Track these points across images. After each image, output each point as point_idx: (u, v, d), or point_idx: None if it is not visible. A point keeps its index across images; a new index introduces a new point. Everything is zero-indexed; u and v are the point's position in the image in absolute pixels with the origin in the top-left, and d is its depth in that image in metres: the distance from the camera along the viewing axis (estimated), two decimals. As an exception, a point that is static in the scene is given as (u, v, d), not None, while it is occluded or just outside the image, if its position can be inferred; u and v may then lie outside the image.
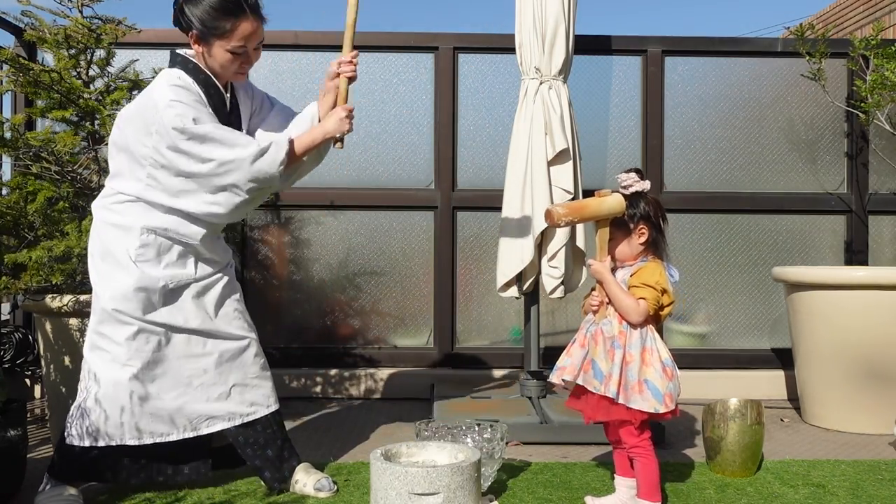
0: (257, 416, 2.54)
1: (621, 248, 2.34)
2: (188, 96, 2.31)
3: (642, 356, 2.25)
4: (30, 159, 3.16)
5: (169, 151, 2.29)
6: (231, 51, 2.34)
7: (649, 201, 2.33)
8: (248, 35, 2.35)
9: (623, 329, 2.27)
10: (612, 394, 2.23)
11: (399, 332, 4.37)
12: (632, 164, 4.36)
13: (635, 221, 2.31)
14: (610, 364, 2.25)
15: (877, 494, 2.60)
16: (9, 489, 2.51)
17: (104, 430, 2.36)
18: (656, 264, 2.32)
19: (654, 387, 2.22)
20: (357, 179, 4.36)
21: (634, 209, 2.31)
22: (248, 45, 2.37)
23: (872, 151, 4.38)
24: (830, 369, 3.48)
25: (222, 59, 2.36)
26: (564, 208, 2.31)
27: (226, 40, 2.33)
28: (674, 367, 2.28)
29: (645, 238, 2.32)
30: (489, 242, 4.28)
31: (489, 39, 4.34)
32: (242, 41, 2.34)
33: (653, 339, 2.28)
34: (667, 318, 2.39)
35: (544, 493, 2.58)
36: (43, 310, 2.95)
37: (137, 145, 2.34)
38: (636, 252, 2.33)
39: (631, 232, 2.31)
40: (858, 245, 4.37)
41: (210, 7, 2.31)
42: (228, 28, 2.31)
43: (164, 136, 2.28)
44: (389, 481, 2.13)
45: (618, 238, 2.33)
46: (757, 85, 4.43)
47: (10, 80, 3.18)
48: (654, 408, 2.21)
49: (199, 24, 2.31)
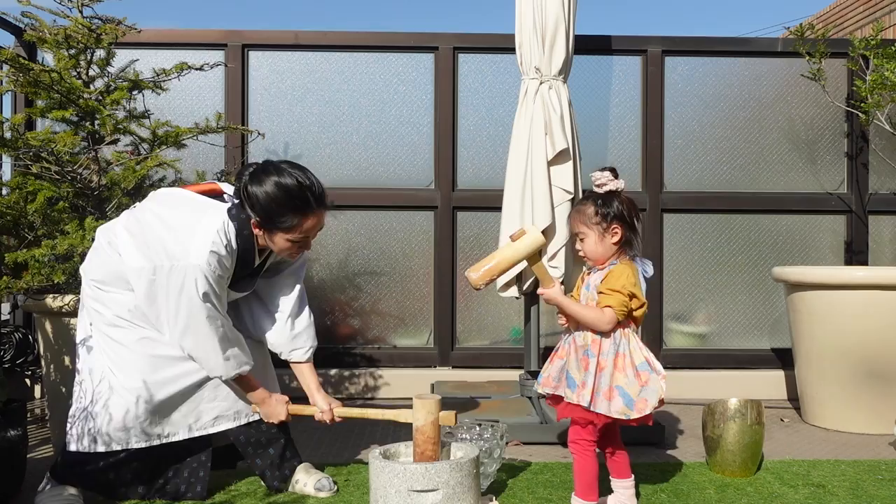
0: None
1: (595, 248, 2.30)
2: (217, 269, 2.29)
3: (615, 362, 2.23)
4: (30, 159, 3.16)
5: None
6: (292, 240, 2.35)
7: (623, 200, 2.29)
8: (312, 227, 2.35)
9: (595, 337, 2.26)
10: (585, 402, 2.24)
11: (399, 332, 4.37)
12: (632, 164, 4.37)
13: (608, 221, 2.27)
14: (583, 373, 2.25)
15: (877, 494, 2.60)
16: (9, 489, 2.51)
17: (108, 434, 2.36)
18: (625, 266, 2.28)
19: (624, 393, 2.21)
20: (357, 179, 4.36)
21: (608, 208, 2.27)
22: (311, 235, 2.39)
23: (872, 151, 4.38)
24: (830, 369, 3.48)
25: (282, 246, 2.36)
26: (478, 271, 2.21)
27: (289, 232, 2.33)
28: (651, 370, 2.24)
29: (618, 237, 2.28)
30: (489, 242, 4.28)
31: (489, 39, 4.34)
32: (307, 232, 2.35)
33: (626, 345, 2.25)
34: (642, 318, 2.33)
35: (544, 493, 2.58)
36: (43, 310, 2.95)
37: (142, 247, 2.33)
38: (609, 252, 2.30)
39: (604, 232, 2.28)
40: (858, 245, 4.37)
41: (276, 201, 2.27)
42: (294, 224, 2.31)
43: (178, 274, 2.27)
44: (389, 479, 2.13)
45: (591, 238, 2.30)
46: (757, 85, 4.43)
47: (10, 80, 3.18)
48: (624, 413, 2.20)
49: (262, 212, 2.28)
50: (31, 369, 4.06)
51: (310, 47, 4.35)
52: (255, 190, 2.30)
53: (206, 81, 4.28)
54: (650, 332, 4.31)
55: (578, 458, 2.32)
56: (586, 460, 2.31)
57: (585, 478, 2.32)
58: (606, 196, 2.29)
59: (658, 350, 4.29)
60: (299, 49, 4.35)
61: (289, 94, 4.36)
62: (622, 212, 2.28)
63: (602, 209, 2.28)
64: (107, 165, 3.31)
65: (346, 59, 4.37)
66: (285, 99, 4.37)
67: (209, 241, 2.27)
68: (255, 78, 4.36)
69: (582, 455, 2.31)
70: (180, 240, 2.28)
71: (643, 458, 3.00)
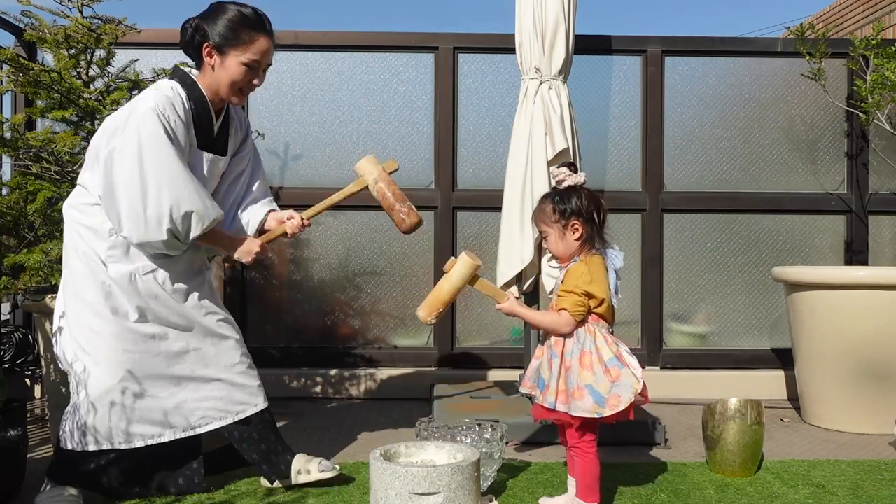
0: (248, 413, 2.54)
1: (556, 245, 2.30)
2: (171, 111, 2.32)
3: (580, 361, 2.22)
4: (30, 159, 3.16)
5: None
6: (246, 63, 2.41)
7: (583, 195, 2.28)
8: (264, 51, 2.43)
9: (558, 338, 2.26)
10: (550, 404, 2.24)
11: (399, 332, 4.37)
12: (632, 164, 4.37)
13: (566, 217, 2.26)
14: (549, 373, 2.26)
15: (877, 494, 2.60)
16: (9, 489, 2.51)
17: (95, 431, 2.36)
18: (581, 264, 2.27)
19: (594, 391, 2.19)
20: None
21: (565, 205, 2.27)
22: (262, 61, 2.44)
23: (872, 151, 4.38)
24: (830, 369, 3.48)
25: (235, 71, 2.41)
26: (425, 309, 2.29)
27: (242, 52, 2.40)
28: (621, 364, 2.22)
29: (579, 234, 2.27)
30: (489, 242, 4.28)
31: (489, 39, 4.34)
32: (258, 55, 2.42)
33: (591, 342, 2.23)
34: (609, 313, 2.30)
35: (544, 492, 2.58)
36: (43, 310, 2.94)
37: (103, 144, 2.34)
38: (572, 248, 2.29)
39: (564, 229, 2.27)
40: (858, 245, 4.37)
41: (232, 20, 2.40)
42: (247, 40, 2.40)
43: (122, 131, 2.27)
44: (389, 481, 2.13)
45: (552, 236, 2.30)
46: (757, 85, 4.43)
47: (10, 80, 3.18)
48: (595, 412, 2.18)
49: (216, 36, 2.39)
50: (31, 369, 4.06)
51: (310, 47, 4.35)
52: (208, 23, 2.40)
53: (206, 81, 4.27)
54: (650, 332, 4.31)
55: (582, 460, 2.31)
56: (589, 462, 2.30)
57: (589, 479, 2.31)
58: (564, 192, 2.29)
59: (658, 350, 4.29)
60: (299, 49, 4.35)
61: (289, 94, 4.36)
62: (580, 207, 2.26)
63: (559, 206, 2.28)
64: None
65: (346, 59, 4.37)
66: (285, 99, 4.37)
67: (153, 92, 2.33)
68: (254, 78, 4.34)
69: (584, 457, 2.30)
70: (121, 117, 2.32)
71: (643, 458, 3.00)
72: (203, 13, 2.45)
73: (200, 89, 2.43)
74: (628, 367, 2.23)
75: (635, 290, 4.35)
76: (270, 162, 4.34)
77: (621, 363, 2.23)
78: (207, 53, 2.40)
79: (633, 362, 2.25)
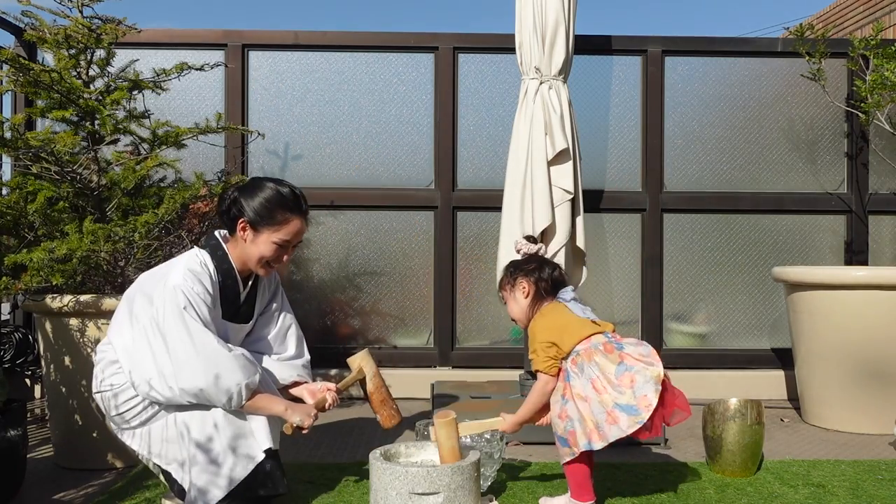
0: None
1: (513, 308, 2.44)
2: (198, 289, 2.33)
3: (595, 388, 2.24)
4: (30, 159, 3.16)
5: None
6: (277, 243, 2.43)
7: (533, 260, 2.43)
8: (297, 231, 2.46)
9: (560, 383, 2.31)
10: (585, 446, 2.24)
11: (399, 332, 4.38)
12: (632, 164, 4.37)
13: (514, 279, 2.41)
14: (564, 422, 2.27)
15: (877, 494, 2.60)
16: (9, 489, 2.51)
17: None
18: (536, 319, 2.37)
19: (623, 406, 2.21)
20: (357, 179, 4.36)
21: (515, 269, 2.43)
22: (293, 241, 2.47)
23: (872, 151, 4.38)
24: (830, 369, 3.48)
25: (265, 248, 2.43)
26: None
27: (275, 231, 2.42)
28: (628, 368, 2.24)
29: (526, 292, 2.40)
30: (489, 242, 4.28)
31: (489, 39, 4.34)
32: (290, 236, 2.44)
33: (595, 367, 2.25)
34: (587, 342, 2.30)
35: (544, 493, 2.58)
36: (43, 310, 2.94)
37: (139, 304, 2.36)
38: (526, 307, 2.40)
39: (513, 291, 2.41)
40: (858, 245, 4.37)
41: (269, 200, 2.43)
42: (281, 220, 2.42)
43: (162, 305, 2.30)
44: (390, 481, 2.13)
45: (510, 303, 2.44)
46: (757, 85, 4.43)
47: (10, 80, 3.18)
48: (636, 423, 2.20)
49: (252, 213, 2.41)
50: (31, 369, 4.06)
51: (310, 47, 4.35)
52: (245, 199, 2.42)
53: (206, 81, 4.28)
54: (650, 332, 4.31)
55: (570, 462, 2.32)
56: (579, 463, 2.31)
57: (578, 478, 2.32)
58: (516, 261, 2.46)
59: (658, 350, 4.28)
60: (299, 49, 4.35)
61: (289, 94, 4.36)
62: (528, 269, 2.40)
63: (508, 271, 2.44)
64: (107, 165, 3.30)
65: (346, 59, 4.37)
66: (285, 99, 4.37)
67: (182, 266, 2.36)
68: (254, 78, 4.36)
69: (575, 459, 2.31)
70: (155, 284, 2.36)
71: (643, 458, 3.01)
72: (242, 186, 2.48)
73: (230, 261, 2.46)
74: (640, 363, 2.25)
75: (635, 290, 4.36)
76: (270, 162, 4.34)
77: (628, 367, 2.25)
78: (241, 228, 2.42)
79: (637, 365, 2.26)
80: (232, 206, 2.43)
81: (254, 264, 2.45)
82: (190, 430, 2.31)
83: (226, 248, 2.46)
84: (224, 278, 2.44)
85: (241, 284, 2.50)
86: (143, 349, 2.30)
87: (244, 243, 2.43)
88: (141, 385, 2.29)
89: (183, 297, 2.28)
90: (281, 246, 2.43)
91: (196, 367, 2.25)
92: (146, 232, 3.04)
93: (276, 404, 2.40)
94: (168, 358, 2.26)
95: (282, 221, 2.41)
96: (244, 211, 2.41)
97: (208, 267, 2.41)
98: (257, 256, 2.43)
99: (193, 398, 2.27)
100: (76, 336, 2.90)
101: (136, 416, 2.35)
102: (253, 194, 2.42)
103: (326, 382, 2.61)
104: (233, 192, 2.46)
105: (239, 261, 2.46)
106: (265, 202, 2.41)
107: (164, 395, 2.27)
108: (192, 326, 2.26)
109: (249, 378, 2.30)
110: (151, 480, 2.69)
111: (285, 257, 2.48)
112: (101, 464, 2.90)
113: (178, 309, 2.26)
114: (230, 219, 2.44)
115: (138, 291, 2.38)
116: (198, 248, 2.48)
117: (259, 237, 2.41)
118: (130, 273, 3.10)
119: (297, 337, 2.71)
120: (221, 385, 2.26)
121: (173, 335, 2.25)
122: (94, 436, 2.87)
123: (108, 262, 3.04)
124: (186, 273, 2.34)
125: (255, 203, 2.41)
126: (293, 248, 2.50)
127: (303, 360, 2.69)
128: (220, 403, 2.29)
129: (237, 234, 2.43)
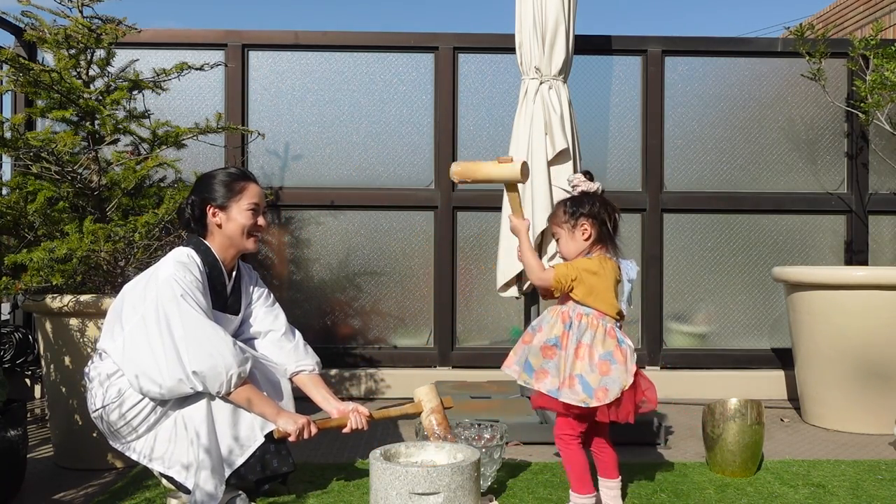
0: None
1: (566, 245, 2.38)
2: (190, 278, 2.42)
3: (576, 352, 2.27)
4: (30, 159, 3.16)
5: None
6: (248, 208, 2.58)
7: (595, 201, 2.36)
8: (257, 193, 2.63)
9: (565, 329, 2.30)
10: (547, 388, 2.26)
11: (399, 332, 4.38)
12: (632, 164, 4.37)
13: (575, 218, 2.35)
14: (540, 360, 2.29)
15: (877, 494, 2.60)
16: (9, 489, 2.51)
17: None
18: (595, 259, 2.34)
19: (584, 381, 2.24)
20: (357, 179, 4.36)
21: (575, 207, 2.36)
22: (258, 202, 2.62)
23: (872, 151, 4.38)
24: (830, 369, 3.48)
25: (242, 218, 2.57)
26: (459, 166, 2.50)
27: (241, 199, 2.58)
28: (615, 361, 2.25)
29: (587, 234, 2.35)
30: (489, 242, 4.28)
31: (489, 39, 4.34)
32: (255, 198, 2.61)
33: (591, 335, 2.27)
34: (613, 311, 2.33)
35: (544, 492, 2.58)
36: (43, 310, 2.94)
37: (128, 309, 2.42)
38: (580, 248, 2.36)
39: (573, 229, 2.36)
40: (858, 245, 4.37)
41: (222, 180, 2.61)
42: (240, 189, 2.59)
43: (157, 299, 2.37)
44: (390, 481, 2.13)
45: (563, 237, 2.39)
46: (757, 85, 4.43)
47: (10, 80, 3.18)
48: (584, 401, 2.23)
49: (216, 196, 2.58)
50: (31, 369, 4.06)
51: (310, 47, 4.35)
52: (202, 193, 2.58)
53: (206, 81, 4.28)
54: (650, 332, 4.31)
55: (564, 453, 2.34)
56: (571, 453, 2.33)
57: (575, 471, 2.33)
58: (577, 197, 2.39)
59: (658, 350, 4.29)
60: (299, 49, 4.35)
61: (289, 94, 4.36)
62: (592, 210, 2.35)
63: (570, 208, 2.37)
64: (107, 165, 3.30)
65: (346, 59, 4.37)
66: (285, 99, 4.37)
67: (170, 261, 2.45)
68: (255, 78, 4.36)
69: (566, 449, 2.33)
70: (145, 285, 2.43)
71: (643, 458, 3.01)
72: (194, 188, 2.65)
73: (213, 253, 2.57)
74: (623, 365, 2.25)
75: (635, 290, 4.33)
76: (270, 162, 4.35)
77: (614, 360, 2.25)
78: (212, 214, 2.57)
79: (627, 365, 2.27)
80: (195, 206, 2.57)
81: (240, 239, 2.57)
82: (196, 428, 2.35)
83: (207, 243, 2.58)
84: (210, 269, 2.54)
85: (227, 276, 2.61)
86: (139, 343, 2.35)
87: (220, 229, 2.56)
88: (140, 378, 2.33)
89: (178, 286, 2.37)
90: (253, 210, 2.59)
91: (194, 351, 2.31)
92: (146, 232, 3.05)
93: (268, 406, 2.45)
94: (163, 348, 2.32)
95: (241, 190, 2.58)
96: (208, 199, 2.56)
97: (195, 258, 2.51)
98: (240, 228, 2.56)
99: (188, 385, 2.31)
100: (76, 336, 2.90)
101: (143, 422, 2.38)
102: (208, 184, 2.59)
103: (359, 405, 2.62)
104: (189, 198, 2.61)
105: (221, 250, 2.58)
106: (220, 182, 2.58)
107: (163, 386, 2.31)
108: (189, 312, 2.35)
109: (241, 366, 2.37)
110: (151, 480, 2.69)
111: (261, 220, 2.61)
112: (101, 464, 2.90)
113: (174, 296, 2.35)
114: (197, 219, 2.58)
115: (125, 300, 2.46)
116: (180, 246, 2.58)
117: (230, 212, 2.56)
118: (130, 273, 3.10)
119: (285, 319, 2.80)
120: (218, 369, 2.32)
121: (175, 321, 2.33)
122: (94, 436, 2.86)
123: (108, 262, 3.04)
124: (176, 264, 2.44)
125: (214, 188, 2.58)
126: (264, 214, 2.65)
127: (294, 342, 2.78)
128: (213, 389, 2.34)
129: (211, 226, 2.57)
